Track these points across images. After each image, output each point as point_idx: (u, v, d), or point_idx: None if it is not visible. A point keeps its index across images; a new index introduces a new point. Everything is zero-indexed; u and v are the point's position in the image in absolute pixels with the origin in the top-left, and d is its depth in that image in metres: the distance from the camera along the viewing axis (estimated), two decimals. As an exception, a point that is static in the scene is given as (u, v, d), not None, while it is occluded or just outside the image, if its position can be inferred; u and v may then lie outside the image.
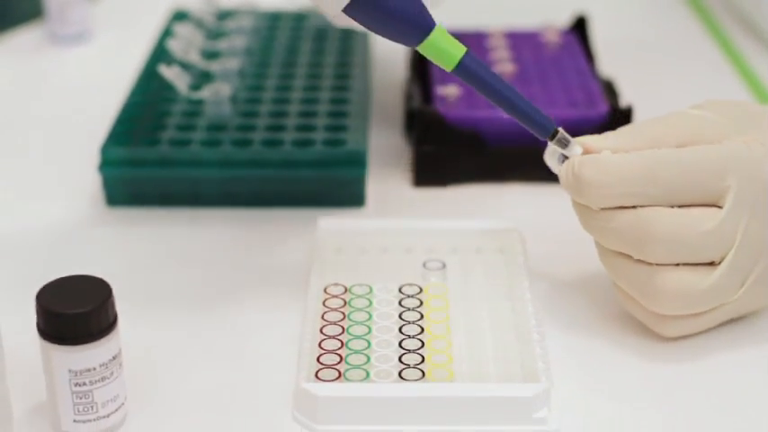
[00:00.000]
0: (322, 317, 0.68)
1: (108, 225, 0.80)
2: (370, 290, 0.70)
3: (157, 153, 0.80)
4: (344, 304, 0.69)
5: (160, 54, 0.93)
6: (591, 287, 0.72)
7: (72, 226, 0.80)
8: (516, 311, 0.68)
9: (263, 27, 1.00)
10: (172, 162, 0.80)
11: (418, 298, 0.69)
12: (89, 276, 0.60)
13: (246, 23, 0.98)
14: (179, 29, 0.93)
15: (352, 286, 0.70)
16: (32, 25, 1.11)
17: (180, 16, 1.01)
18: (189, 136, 0.82)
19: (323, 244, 0.74)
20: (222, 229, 0.79)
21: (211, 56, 0.93)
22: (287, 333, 0.68)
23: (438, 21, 0.64)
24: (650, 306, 0.65)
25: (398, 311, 0.68)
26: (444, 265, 0.72)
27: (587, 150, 0.66)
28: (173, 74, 0.86)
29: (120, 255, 0.77)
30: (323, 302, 0.69)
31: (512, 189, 0.83)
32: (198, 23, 0.98)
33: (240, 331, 0.69)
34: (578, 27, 0.97)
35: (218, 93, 0.85)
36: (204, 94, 0.85)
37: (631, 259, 0.65)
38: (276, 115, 0.85)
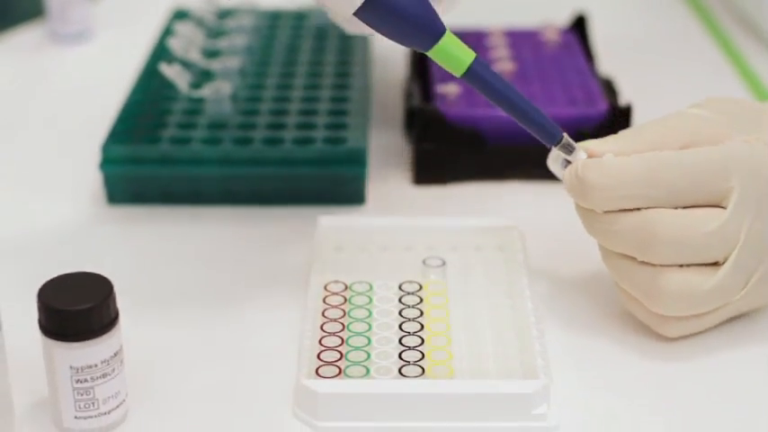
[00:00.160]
0: (322, 314, 0.68)
1: (109, 223, 0.80)
2: (371, 287, 0.70)
3: (158, 151, 0.81)
4: (345, 301, 0.69)
5: (161, 53, 0.94)
6: (590, 284, 0.72)
7: (73, 224, 0.80)
8: (516, 308, 0.68)
9: (263, 26, 1.00)
10: (172, 160, 0.80)
11: (418, 295, 0.70)
12: (90, 273, 0.61)
13: (247, 22, 0.98)
14: (180, 27, 0.94)
15: (353, 283, 0.71)
16: (33, 24, 1.11)
17: (180, 15, 1.01)
18: (189, 134, 0.82)
19: (323, 242, 0.74)
20: (223, 227, 0.79)
21: (212, 54, 0.93)
22: (287, 330, 0.68)
23: (440, 19, 0.65)
24: (654, 307, 0.65)
25: (398, 308, 0.69)
26: (444, 263, 0.72)
27: (590, 154, 0.66)
28: (173, 72, 0.86)
29: (121, 252, 0.77)
30: (323, 300, 0.69)
31: (511, 187, 0.84)
32: (198, 22, 0.98)
33: (241, 328, 0.69)
34: (578, 26, 0.97)
35: (219, 91, 0.85)
36: (205, 92, 0.85)
37: (635, 261, 0.65)
38: (276, 113, 0.86)
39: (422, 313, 0.68)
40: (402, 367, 0.64)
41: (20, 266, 0.74)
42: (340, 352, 0.65)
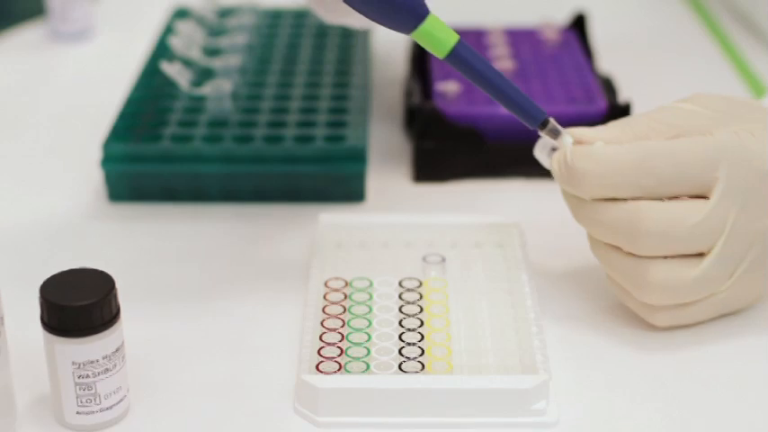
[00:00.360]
0: (323, 310, 0.68)
1: (110, 220, 0.80)
2: (371, 284, 0.71)
3: (159, 149, 0.81)
4: (345, 298, 0.69)
5: (162, 51, 0.94)
6: (589, 281, 0.72)
7: (74, 221, 0.80)
8: (515, 305, 0.68)
9: (263, 24, 1.00)
10: (173, 158, 0.81)
11: (418, 291, 0.70)
12: (92, 269, 0.61)
13: (247, 21, 0.98)
14: (180, 26, 0.94)
15: (353, 280, 0.71)
16: (34, 23, 1.11)
17: (181, 14, 1.01)
18: (190, 132, 0.83)
19: (323, 239, 0.74)
20: (223, 225, 0.79)
21: (212, 53, 0.93)
22: (288, 326, 0.69)
23: (438, 15, 0.65)
24: (640, 297, 0.66)
25: (398, 305, 0.69)
26: (444, 260, 0.73)
27: (579, 140, 0.67)
28: (174, 70, 0.86)
29: (123, 250, 0.77)
30: (324, 296, 0.69)
31: (511, 184, 0.84)
32: (199, 21, 0.99)
33: (242, 324, 0.69)
34: (577, 24, 0.98)
35: (220, 89, 0.85)
36: (205, 90, 0.86)
37: (621, 251, 0.66)
38: (277, 111, 0.86)
39: (422, 309, 0.68)
40: (402, 363, 0.64)
41: (22, 263, 0.74)
42: (340, 348, 0.65)
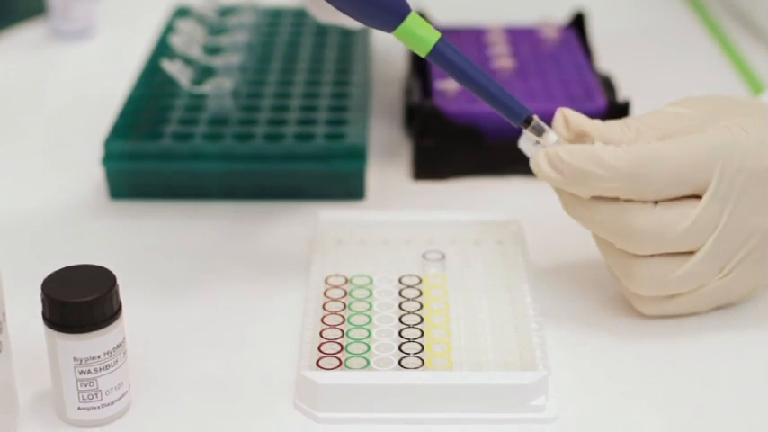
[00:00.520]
0: (323, 307, 0.68)
1: (111, 218, 0.81)
2: (371, 280, 0.71)
3: (160, 147, 0.81)
4: (345, 294, 0.70)
5: (162, 49, 0.94)
6: (588, 277, 0.73)
7: (75, 219, 0.81)
8: (514, 301, 0.69)
9: (264, 23, 1.00)
10: (174, 156, 0.81)
11: (418, 288, 0.70)
12: (94, 266, 0.61)
13: (248, 19, 0.99)
14: (181, 24, 0.94)
15: (353, 277, 0.71)
16: (36, 22, 1.12)
17: (182, 12, 1.01)
18: (191, 130, 0.83)
19: (324, 236, 0.75)
20: (224, 222, 0.80)
21: (213, 51, 0.94)
22: (288, 323, 0.69)
23: (438, 14, 0.65)
24: (628, 287, 0.67)
25: (398, 301, 0.69)
26: (444, 257, 0.73)
27: (578, 128, 0.67)
28: (175, 69, 0.87)
29: (124, 247, 0.77)
30: (324, 293, 0.70)
31: (510, 182, 0.84)
32: (200, 19, 0.99)
33: (242, 321, 0.70)
34: (576, 23, 0.98)
35: (220, 87, 0.85)
36: (206, 88, 0.86)
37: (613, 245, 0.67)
38: (277, 109, 0.86)
39: (421, 306, 0.69)
40: (402, 359, 0.64)
41: (23, 260, 0.75)
42: (340, 344, 0.65)
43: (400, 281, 0.71)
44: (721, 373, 0.65)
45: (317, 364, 0.64)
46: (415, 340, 0.66)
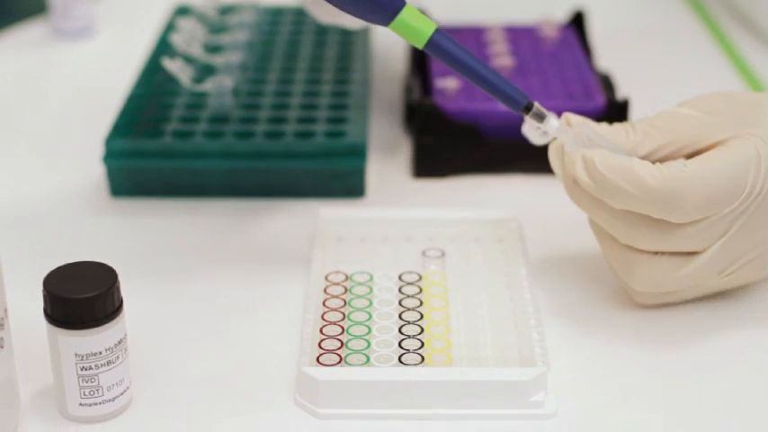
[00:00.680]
0: (323, 303, 0.69)
1: (112, 215, 0.81)
2: (371, 277, 0.71)
3: (161, 145, 0.81)
4: (345, 291, 0.70)
5: (163, 48, 0.94)
6: (587, 275, 0.73)
7: (77, 216, 0.81)
8: (514, 298, 0.69)
9: (264, 22, 1.01)
10: (175, 153, 0.81)
11: (418, 285, 0.71)
12: (95, 262, 0.61)
13: (248, 18, 0.99)
14: (182, 23, 0.94)
15: (353, 274, 0.71)
16: (37, 21, 1.12)
17: (182, 11, 1.02)
18: (192, 128, 0.83)
19: (324, 233, 0.75)
20: (224, 220, 0.80)
21: (214, 49, 0.94)
22: (289, 319, 0.69)
23: (438, 13, 0.65)
24: (628, 282, 0.68)
25: (398, 298, 0.69)
26: (443, 254, 0.73)
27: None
28: (176, 67, 0.87)
29: (125, 244, 0.78)
30: (324, 290, 0.70)
31: (510, 180, 0.84)
32: (200, 18, 0.99)
33: (243, 318, 0.70)
34: (576, 22, 0.98)
35: (221, 85, 0.86)
36: (207, 86, 0.86)
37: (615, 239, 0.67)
38: (278, 108, 0.86)
39: (421, 303, 0.69)
40: (402, 355, 0.65)
41: (25, 257, 0.75)
42: (341, 340, 0.66)
43: (400, 278, 0.71)
44: (720, 369, 0.66)
45: (317, 360, 0.64)
46: (414, 337, 0.66)
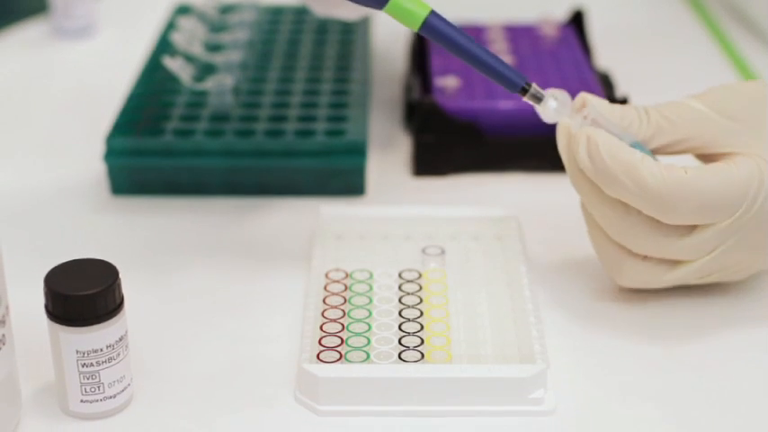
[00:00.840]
0: (323, 301, 0.69)
1: (112, 213, 0.81)
2: (371, 275, 0.71)
3: (161, 143, 0.82)
4: (345, 289, 0.70)
5: (164, 47, 0.95)
6: (587, 272, 0.73)
7: (78, 215, 0.81)
8: (513, 295, 0.69)
9: (264, 20, 1.01)
10: (176, 152, 0.81)
11: (417, 283, 0.71)
12: (96, 260, 0.61)
13: (248, 17, 0.99)
14: (182, 22, 0.95)
15: (353, 271, 0.72)
16: (38, 20, 1.12)
17: (183, 10, 1.02)
18: (192, 126, 0.83)
19: (324, 231, 0.75)
20: (225, 218, 0.80)
21: (214, 48, 0.94)
22: (289, 316, 0.69)
23: (438, 11, 0.65)
24: (613, 278, 0.69)
25: (398, 296, 0.70)
26: (443, 252, 0.74)
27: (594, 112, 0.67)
28: (176, 65, 0.87)
29: (125, 242, 0.78)
30: (324, 287, 0.70)
31: (509, 178, 0.85)
32: (201, 17, 0.99)
33: (244, 315, 0.70)
34: (575, 21, 0.98)
35: (221, 84, 0.86)
36: (207, 85, 0.87)
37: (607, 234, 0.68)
38: (278, 106, 0.87)
39: (421, 300, 0.69)
40: (402, 352, 0.65)
41: (26, 254, 0.75)
42: (341, 338, 0.66)
43: (400, 275, 0.71)
44: (718, 366, 0.66)
45: (317, 357, 0.64)
46: (414, 334, 0.66)
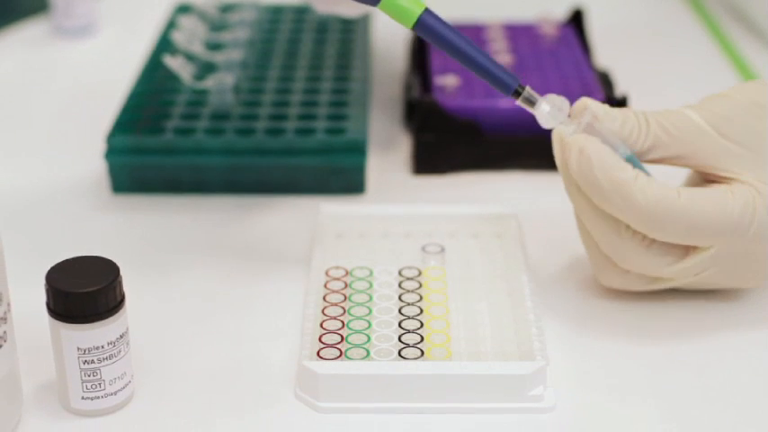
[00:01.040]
0: (324, 298, 0.69)
1: (113, 212, 0.81)
2: (371, 273, 0.72)
3: (162, 141, 0.82)
4: (346, 286, 0.70)
5: (164, 46, 0.95)
6: (586, 270, 0.73)
7: (78, 213, 0.81)
8: (512, 293, 0.69)
9: (264, 20, 1.01)
10: (176, 150, 0.82)
11: (417, 280, 0.71)
12: (98, 257, 0.62)
13: (248, 16, 0.99)
14: (183, 21, 0.95)
15: (353, 269, 0.72)
16: (38, 19, 1.12)
17: (183, 9, 1.02)
18: (193, 125, 0.84)
19: (324, 229, 0.75)
20: (225, 216, 0.80)
21: (215, 47, 0.94)
22: (289, 314, 0.70)
23: (437, 10, 0.66)
24: (598, 278, 0.69)
25: (398, 293, 0.70)
26: (443, 249, 0.74)
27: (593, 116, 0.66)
28: (177, 64, 0.87)
29: (126, 240, 0.78)
30: (324, 285, 0.70)
31: (509, 176, 0.85)
32: (201, 16, 1.00)
33: (244, 313, 0.70)
34: (575, 20, 0.99)
35: (222, 83, 0.86)
36: (208, 83, 0.87)
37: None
38: (278, 105, 0.87)
39: (421, 298, 0.69)
40: (401, 349, 0.65)
41: (27, 252, 0.75)
42: (341, 335, 0.66)
43: (400, 273, 0.72)
44: (716, 364, 0.66)
45: (317, 354, 0.65)
46: (414, 331, 0.67)
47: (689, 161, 0.67)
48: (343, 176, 0.82)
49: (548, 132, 0.70)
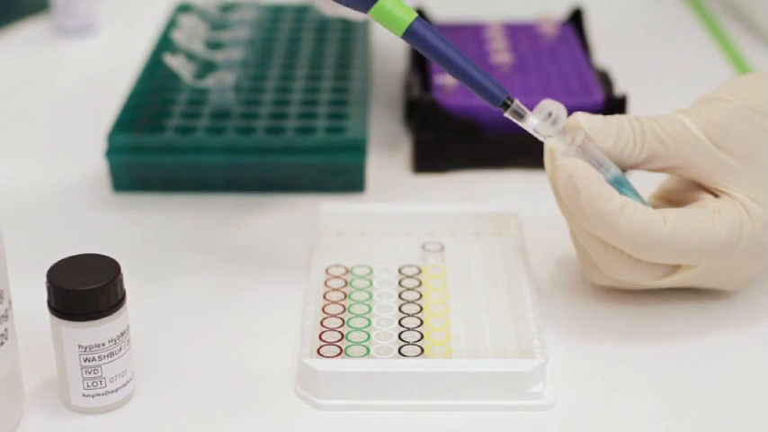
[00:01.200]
0: (324, 296, 0.69)
1: (114, 210, 0.81)
2: (371, 271, 0.72)
3: (163, 140, 0.82)
4: (346, 284, 0.70)
5: (165, 45, 0.95)
6: (585, 268, 0.73)
7: (79, 211, 0.81)
8: (512, 291, 0.70)
9: (265, 19, 1.01)
10: (177, 149, 0.82)
11: (417, 278, 0.71)
12: (98, 255, 0.62)
13: (249, 15, 0.99)
14: (183, 20, 0.95)
15: (353, 267, 0.72)
16: (39, 18, 1.13)
17: (184, 8, 1.02)
18: (193, 123, 0.84)
19: (324, 227, 0.76)
20: (226, 214, 0.80)
21: (215, 46, 0.94)
22: (290, 312, 0.70)
23: (437, 10, 0.66)
24: (586, 274, 0.70)
25: (398, 291, 0.70)
26: (443, 248, 0.74)
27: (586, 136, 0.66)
28: (177, 63, 0.87)
29: (127, 239, 0.78)
30: (324, 283, 0.70)
31: (508, 175, 0.85)
32: (202, 15, 1.00)
33: (244, 311, 0.70)
34: (575, 19, 0.99)
35: (222, 81, 0.86)
36: (208, 82, 0.87)
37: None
38: (278, 103, 0.87)
39: (421, 296, 0.70)
40: (401, 347, 0.65)
41: (28, 250, 0.75)
42: (341, 332, 0.66)
43: (400, 271, 0.72)
44: (714, 362, 0.66)
45: (317, 352, 0.65)
46: (414, 329, 0.67)
47: (683, 172, 0.67)
48: (344, 175, 0.82)
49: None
